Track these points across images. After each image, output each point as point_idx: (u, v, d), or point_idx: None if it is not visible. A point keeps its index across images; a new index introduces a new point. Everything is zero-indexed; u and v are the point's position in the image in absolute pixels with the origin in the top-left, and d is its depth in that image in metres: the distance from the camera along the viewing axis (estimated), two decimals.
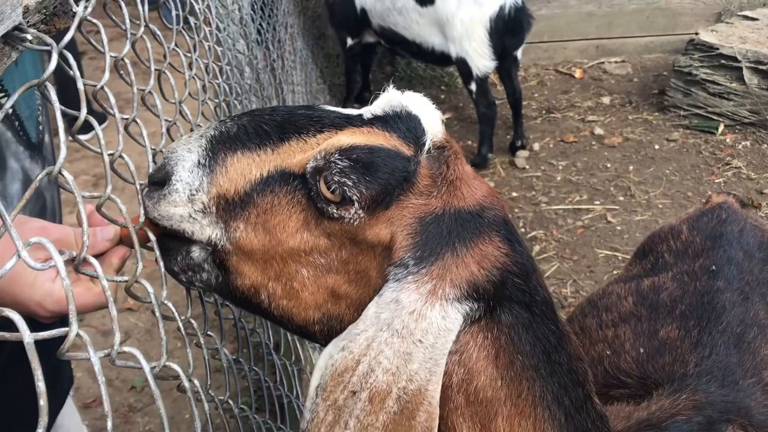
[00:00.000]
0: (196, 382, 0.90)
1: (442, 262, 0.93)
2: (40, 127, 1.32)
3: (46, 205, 1.33)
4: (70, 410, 1.78)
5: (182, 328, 0.94)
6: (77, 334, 0.63)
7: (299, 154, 1.00)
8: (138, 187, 0.98)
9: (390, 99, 1.05)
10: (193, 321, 1.04)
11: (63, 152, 0.74)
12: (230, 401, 1.20)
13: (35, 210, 1.28)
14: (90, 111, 0.83)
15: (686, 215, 2.19)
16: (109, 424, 0.64)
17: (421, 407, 0.88)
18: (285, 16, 4.71)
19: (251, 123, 1.03)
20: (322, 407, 0.91)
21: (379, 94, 1.09)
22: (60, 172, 0.73)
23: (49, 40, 0.80)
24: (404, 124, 1.02)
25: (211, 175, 1.00)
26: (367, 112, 1.05)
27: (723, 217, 1.99)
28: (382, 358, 0.89)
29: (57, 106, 0.76)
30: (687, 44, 5.87)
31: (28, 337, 0.54)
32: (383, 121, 1.02)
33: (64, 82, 3.89)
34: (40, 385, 0.54)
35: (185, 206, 1.00)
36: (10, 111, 1.22)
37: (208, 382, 1.07)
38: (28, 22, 0.85)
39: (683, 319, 1.74)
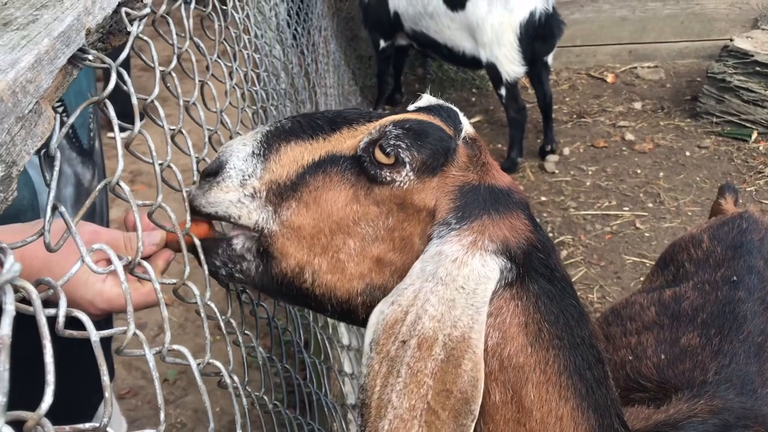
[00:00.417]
0: (236, 378, 0.96)
1: (481, 221, 1.03)
2: (92, 134, 1.40)
3: (95, 208, 1.41)
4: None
5: (223, 327, 1.01)
6: (134, 333, 0.69)
7: (350, 139, 1.11)
8: (185, 194, 1.06)
9: (429, 99, 1.20)
10: (232, 320, 1.11)
11: (120, 165, 0.81)
12: (265, 397, 1.27)
13: (86, 213, 1.36)
14: (124, 114, 0.88)
15: (707, 224, 2.22)
16: (162, 415, 0.71)
17: (466, 355, 0.94)
18: (319, 19, 4.78)
19: (305, 119, 1.15)
20: (376, 360, 0.97)
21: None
22: (118, 183, 0.81)
23: (108, 60, 0.87)
24: (445, 112, 1.15)
25: (265, 163, 1.10)
26: (411, 107, 1.19)
27: (744, 226, 2.01)
28: (428, 305, 0.97)
29: (115, 122, 0.83)
30: (721, 50, 5.83)
31: (94, 335, 0.61)
32: (427, 109, 1.16)
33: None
34: (105, 379, 0.60)
35: (236, 191, 1.09)
36: (65, 117, 1.30)
37: (246, 379, 1.13)
38: (88, 41, 0.93)
39: (704, 328, 1.77)
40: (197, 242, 1.05)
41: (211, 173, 1.11)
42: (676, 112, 6.12)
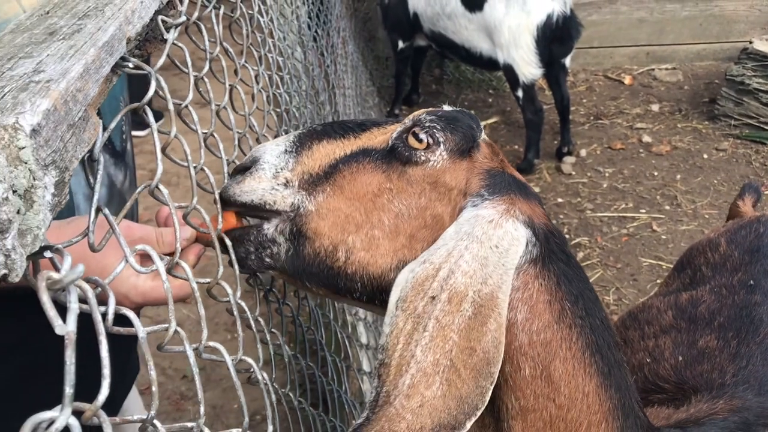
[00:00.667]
0: (265, 375, 1.00)
1: (510, 196, 1.11)
2: (124, 136, 1.44)
3: (124, 201, 1.45)
4: (134, 396, 1.92)
5: (253, 326, 1.04)
6: (175, 330, 0.73)
7: (381, 136, 1.19)
8: (217, 195, 1.10)
9: (447, 108, 1.27)
10: (260, 319, 1.14)
11: (159, 169, 0.84)
12: (290, 393, 1.31)
13: (118, 210, 1.40)
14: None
15: (724, 228, 2.23)
16: (202, 409, 0.74)
17: (492, 314, 0.98)
18: (338, 21, 4.82)
19: (336, 123, 1.23)
20: (401, 318, 1.00)
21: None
22: (157, 186, 0.84)
23: (147, 67, 0.91)
24: (466, 114, 1.22)
25: (297, 157, 1.17)
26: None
27: (761, 230, 2.02)
28: (462, 261, 1.01)
29: (155, 128, 0.87)
30: (740, 53, 5.81)
31: (141, 332, 0.64)
32: (449, 110, 1.23)
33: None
34: (152, 374, 0.64)
35: (269, 181, 1.15)
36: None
37: (273, 375, 1.17)
38: (128, 49, 0.96)
39: (722, 330, 1.79)
40: (226, 239, 1.09)
41: (243, 169, 1.17)
42: (694, 115, 6.10)
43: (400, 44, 6.13)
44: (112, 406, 1.63)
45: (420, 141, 1.12)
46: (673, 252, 4.42)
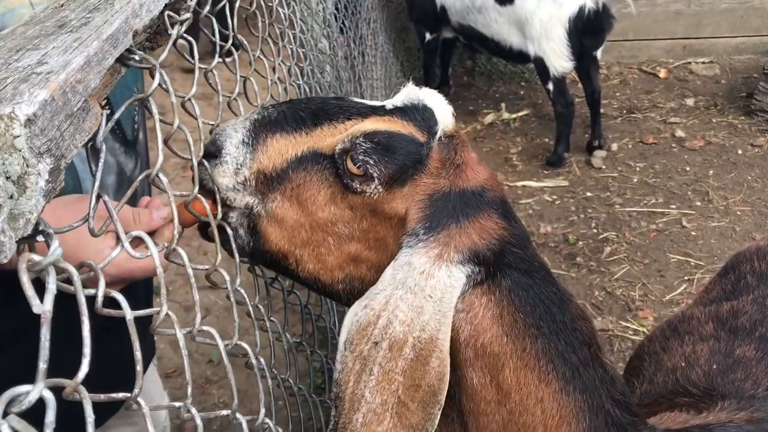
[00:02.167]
0: (262, 360, 1.03)
1: (448, 231, 1.08)
2: (136, 126, 1.48)
3: (137, 193, 1.49)
4: (152, 377, 1.97)
5: (252, 313, 1.07)
6: (167, 314, 0.76)
7: (329, 137, 1.16)
8: (217, 189, 1.13)
9: (409, 93, 1.21)
10: (260, 306, 1.18)
11: (160, 159, 0.88)
12: (290, 380, 1.34)
13: (129, 200, 1.44)
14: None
15: None
16: (189, 389, 0.77)
17: (434, 354, 1.02)
18: (368, 12, 4.83)
19: (289, 110, 1.20)
20: (350, 358, 1.04)
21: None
22: (157, 175, 0.87)
23: (153, 60, 0.94)
24: (420, 114, 1.17)
25: (254, 153, 1.17)
26: (388, 104, 1.20)
27: None
28: (399, 311, 1.03)
29: (157, 119, 0.90)
30: None
31: (129, 314, 0.67)
32: (402, 111, 1.17)
33: None
34: (137, 354, 0.67)
35: (231, 177, 1.16)
36: (108, 112, 1.38)
37: (272, 361, 1.20)
38: (136, 41, 1.00)
39: (762, 342, 1.75)
40: (230, 231, 1.12)
41: (211, 155, 1.18)
42: (730, 109, 5.99)
43: (427, 36, 6.12)
44: (128, 387, 1.67)
45: (357, 169, 1.11)
46: (702, 249, 4.37)
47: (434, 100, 1.21)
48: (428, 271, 1.05)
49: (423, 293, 1.04)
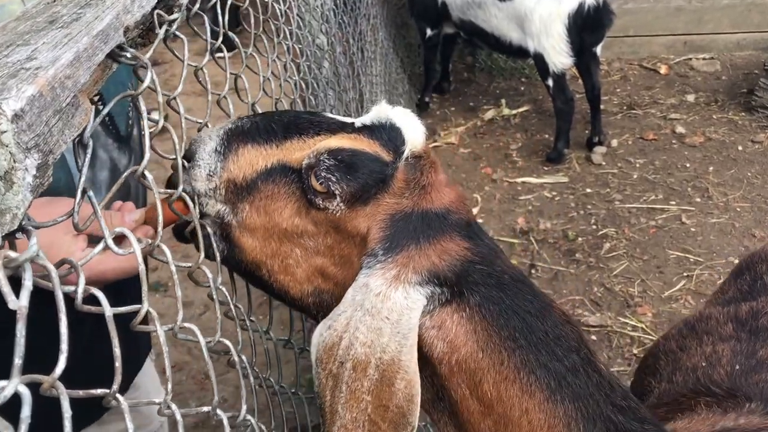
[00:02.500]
0: (244, 358, 1.04)
1: (407, 252, 1.08)
2: (130, 122, 1.49)
3: (131, 191, 1.49)
4: (149, 372, 1.97)
5: (233, 311, 1.08)
6: (147, 311, 0.77)
7: (298, 151, 1.16)
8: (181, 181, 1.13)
9: (379, 111, 1.21)
10: (240, 306, 1.19)
11: (147, 156, 0.88)
12: (271, 379, 1.34)
13: (120, 195, 1.44)
14: None
15: None
16: (170, 386, 0.77)
17: (398, 375, 1.02)
18: (368, 8, 4.83)
19: (262, 121, 1.21)
20: (323, 375, 1.06)
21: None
22: (143, 173, 0.88)
23: (144, 58, 0.94)
24: (387, 134, 1.17)
25: (224, 162, 1.17)
26: (358, 121, 1.20)
27: None
28: (359, 333, 1.04)
29: (145, 117, 0.91)
30: None
31: (108, 311, 0.68)
32: (369, 130, 1.18)
33: None
34: (116, 350, 0.67)
35: (203, 182, 1.17)
36: (101, 106, 1.38)
37: (254, 359, 1.21)
38: (128, 38, 1.00)
39: None
40: (210, 230, 1.14)
41: (188, 160, 1.19)
42: (731, 106, 5.98)
43: (428, 32, 6.12)
44: (124, 383, 1.68)
45: (320, 185, 1.11)
46: (702, 245, 4.37)
47: (405, 119, 1.20)
48: (384, 292, 1.05)
49: (380, 315, 1.04)
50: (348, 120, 1.22)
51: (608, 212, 4.78)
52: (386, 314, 1.03)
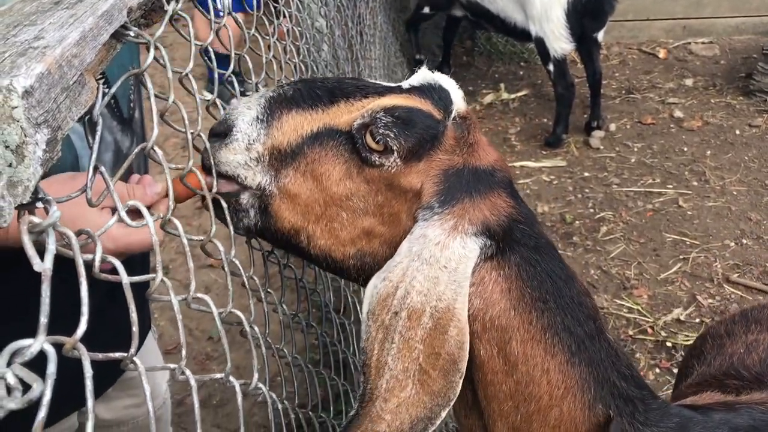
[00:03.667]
0: (256, 329, 1.06)
1: (462, 205, 1.12)
2: (132, 104, 1.51)
3: (132, 170, 1.52)
4: (153, 348, 2.02)
5: (247, 283, 1.11)
6: (162, 281, 0.79)
7: (346, 114, 1.18)
8: (213, 162, 1.15)
9: (425, 74, 1.24)
10: (254, 278, 1.21)
11: (155, 132, 0.90)
12: (285, 350, 1.37)
13: (124, 174, 1.46)
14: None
15: None
16: (184, 351, 0.81)
17: (452, 323, 1.05)
18: None
19: (305, 87, 1.22)
20: (373, 328, 1.08)
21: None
22: (152, 148, 0.90)
23: (147, 36, 0.96)
24: (437, 93, 1.20)
25: (268, 129, 1.17)
26: (405, 83, 1.23)
27: None
28: (415, 282, 1.07)
29: (152, 93, 0.93)
30: None
31: (125, 279, 0.71)
32: (420, 90, 1.20)
33: None
34: (133, 316, 0.70)
35: (243, 153, 1.17)
36: (106, 89, 1.40)
37: (267, 331, 1.24)
38: (131, 18, 1.02)
39: None
40: (224, 204, 1.15)
41: (220, 134, 1.19)
42: (729, 90, 6.00)
43: (426, 10, 6.21)
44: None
45: (377, 142, 1.13)
46: (698, 228, 4.40)
47: (448, 83, 1.24)
48: (443, 242, 1.08)
49: (438, 264, 1.07)
50: (392, 84, 1.25)
51: (606, 196, 4.81)
52: (444, 263, 1.07)
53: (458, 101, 1.22)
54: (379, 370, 1.06)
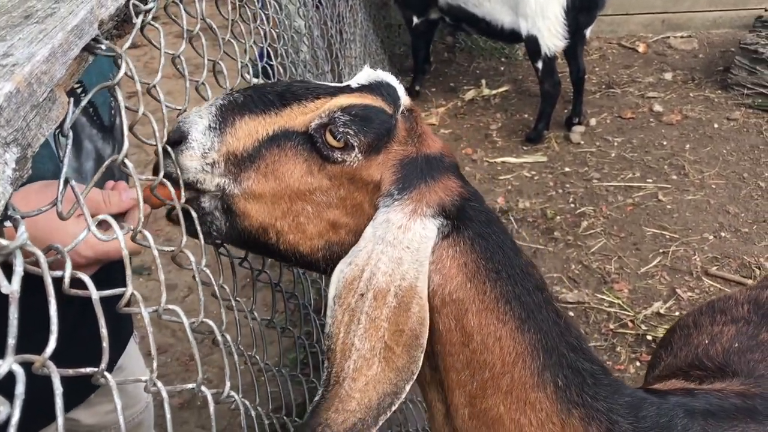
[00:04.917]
0: (228, 337, 1.07)
1: (419, 190, 1.20)
2: (112, 112, 1.51)
3: (115, 178, 1.52)
4: (134, 354, 2.01)
5: (218, 292, 1.12)
6: (132, 294, 0.80)
7: (300, 116, 1.22)
8: (178, 172, 1.16)
9: (368, 73, 1.31)
10: (225, 286, 1.22)
11: (125, 145, 0.91)
12: (257, 356, 1.38)
13: (100, 180, 1.47)
14: None
15: None
16: (155, 364, 0.81)
17: (414, 300, 1.13)
18: None
19: (256, 93, 1.25)
20: (339, 311, 1.13)
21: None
22: (123, 161, 0.91)
23: (119, 49, 0.97)
24: (385, 90, 1.27)
25: (222, 136, 1.20)
26: (353, 82, 1.29)
27: None
28: (380, 264, 1.14)
29: (123, 106, 0.94)
30: (755, 21, 5.75)
31: (95, 294, 0.72)
32: (369, 88, 1.27)
33: None
34: (104, 331, 0.71)
35: (198, 160, 1.20)
36: (82, 95, 1.40)
37: (239, 338, 1.25)
38: (103, 30, 1.02)
39: None
40: (194, 214, 1.16)
41: (175, 142, 1.21)
42: (707, 84, 6.05)
43: (415, 20, 6.04)
44: (109, 365, 1.72)
45: (337, 140, 1.19)
46: (677, 222, 4.45)
47: (391, 79, 1.32)
48: (405, 225, 1.16)
49: (401, 245, 1.14)
50: (340, 84, 1.30)
51: (586, 191, 4.85)
52: (407, 244, 1.15)
53: (403, 96, 1.29)
54: (345, 353, 1.11)
